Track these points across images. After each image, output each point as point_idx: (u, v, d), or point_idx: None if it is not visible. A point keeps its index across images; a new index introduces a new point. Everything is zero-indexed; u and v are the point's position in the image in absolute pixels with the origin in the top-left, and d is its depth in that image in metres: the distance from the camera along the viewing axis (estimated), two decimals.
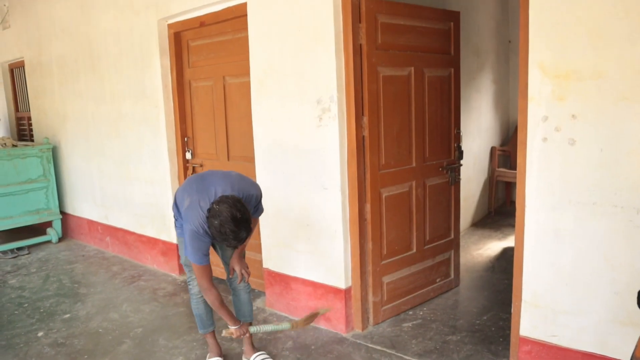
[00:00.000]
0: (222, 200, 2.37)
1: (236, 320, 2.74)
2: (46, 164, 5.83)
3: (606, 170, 2.26)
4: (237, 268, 2.86)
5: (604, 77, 2.21)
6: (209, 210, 2.39)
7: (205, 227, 2.43)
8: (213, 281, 2.65)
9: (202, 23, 4.03)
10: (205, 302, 2.94)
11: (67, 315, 3.87)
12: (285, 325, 2.79)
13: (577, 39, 2.26)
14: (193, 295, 2.95)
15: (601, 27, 2.19)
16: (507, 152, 6.33)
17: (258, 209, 2.77)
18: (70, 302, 4.15)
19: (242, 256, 2.88)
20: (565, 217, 2.40)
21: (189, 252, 2.54)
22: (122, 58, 4.76)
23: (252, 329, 2.81)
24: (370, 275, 3.36)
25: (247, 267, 2.90)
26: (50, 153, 5.86)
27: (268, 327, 2.86)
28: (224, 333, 2.72)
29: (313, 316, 2.88)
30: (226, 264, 2.94)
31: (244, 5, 3.55)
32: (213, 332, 3.06)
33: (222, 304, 2.66)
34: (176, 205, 2.75)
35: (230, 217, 2.31)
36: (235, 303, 3.01)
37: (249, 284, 2.99)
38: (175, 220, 2.82)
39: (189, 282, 2.96)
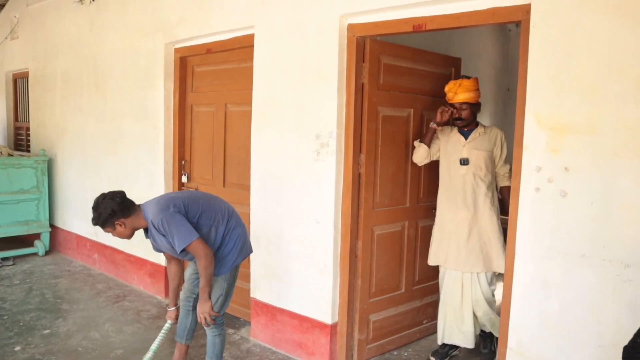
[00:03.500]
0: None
1: (175, 302, 3.03)
2: (40, 175, 5.81)
3: (596, 223, 2.29)
4: (197, 309, 2.79)
5: (597, 132, 2.26)
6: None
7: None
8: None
9: (208, 50, 4.11)
10: (183, 313, 3.06)
11: (47, 331, 3.81)
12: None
13: (573, 94, 2.32)
14: None
15: (596, 85, 2.26)
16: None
17: (175, 245, 2.67)
18: (52, 317, 4.09)
19: (204, 299, 2.73)
20: (553, 267, 2.42)
21: None
22: (126, 78, 4.82)
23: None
24: (357, 312, 3.34)
25: (209, 313, 2.75)
26: (46, 165, 5.85)
27: (155, 344, 3.04)
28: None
29: None
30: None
31: (251, 36, 3.63)
32: (183, 346, 3.09)
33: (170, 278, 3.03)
34: None
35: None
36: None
37: (219, 328, 2.92)
38: None
39: None
